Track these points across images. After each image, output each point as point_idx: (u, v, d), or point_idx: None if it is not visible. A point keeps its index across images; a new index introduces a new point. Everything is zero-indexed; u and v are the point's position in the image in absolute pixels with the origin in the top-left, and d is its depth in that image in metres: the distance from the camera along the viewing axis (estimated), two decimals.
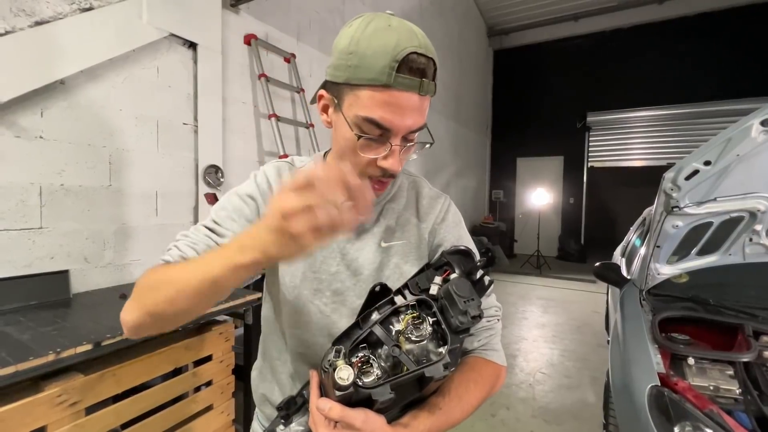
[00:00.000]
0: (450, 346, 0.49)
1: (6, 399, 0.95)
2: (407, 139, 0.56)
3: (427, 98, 0.54)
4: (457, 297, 0.51)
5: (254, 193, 0.64)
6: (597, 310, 4.36)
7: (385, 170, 0.56)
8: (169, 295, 0.48)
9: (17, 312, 1.32)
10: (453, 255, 0.59)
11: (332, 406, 0.45)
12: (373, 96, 0.51)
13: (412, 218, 0.69)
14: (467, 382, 0.58)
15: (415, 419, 0.51)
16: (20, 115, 1.45)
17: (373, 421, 0.46)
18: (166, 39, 1.92)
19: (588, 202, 7.61)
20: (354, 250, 0.65)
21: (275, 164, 0.68)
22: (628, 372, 1.46)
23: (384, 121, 0.52)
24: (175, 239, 0.59)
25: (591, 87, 7.43)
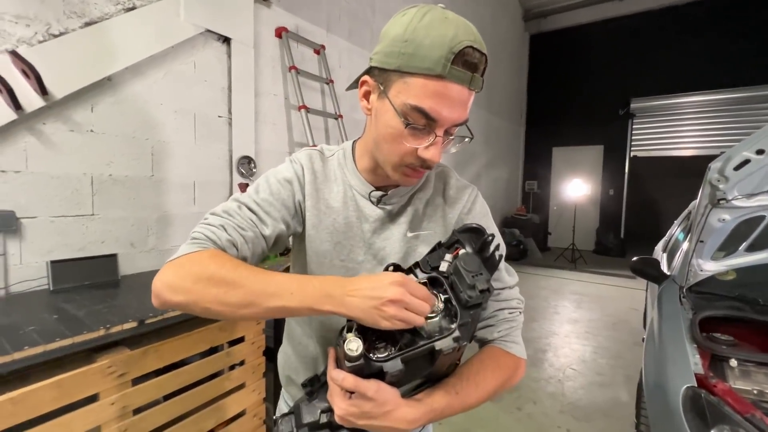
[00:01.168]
0: (460, 320, 0.50)
1: (65, 367, 1.05)
2: (449, 132, 0.56)
3: (473, 94, 0.54)
4: (465, 272, 0.52)
5: (291, 177, 0.66)
6: (635, 307, 4.16)
7: (425, 161, 0.56)
8: (234, 301, 0.48)
9: (73, 291, 1.45)
10: (464, 233, 0.59)
11: (345, 376, 0.48)
12: (426, 85, 0.51)
13: (438, 208, 0.69)
14: (485, 370, 0.59)
15: (430, 396, 0.53)
16: (73, 111, 1.57)
17: (386, 391, 0.48)
18: (202, 35, 2.01)
19: (629, 194, 7.21)
20: (380, 240, 0.66)
21: (307, 151, 0.70)
22: (663, 371, 1.39)
23: (432, 112, 0.52)
24: (214, 213, 0.59)
25: (635, 71, 6.96)
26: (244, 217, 0.59)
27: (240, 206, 0.61)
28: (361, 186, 0.67)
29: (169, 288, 0.51)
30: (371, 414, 0.48)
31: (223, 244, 0.55)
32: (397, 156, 0.57)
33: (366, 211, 0.67)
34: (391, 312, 0.45)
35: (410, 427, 0.50)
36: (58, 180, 1.55)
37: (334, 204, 0.67)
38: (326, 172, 0.69)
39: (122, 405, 1.15)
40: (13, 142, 1.43)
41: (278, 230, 0.62)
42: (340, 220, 0.66)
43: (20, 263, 1.46)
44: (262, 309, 0.49)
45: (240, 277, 0.49)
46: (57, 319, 1.18)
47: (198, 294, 0.49)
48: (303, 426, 0.54)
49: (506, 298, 0.66)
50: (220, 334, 1.44)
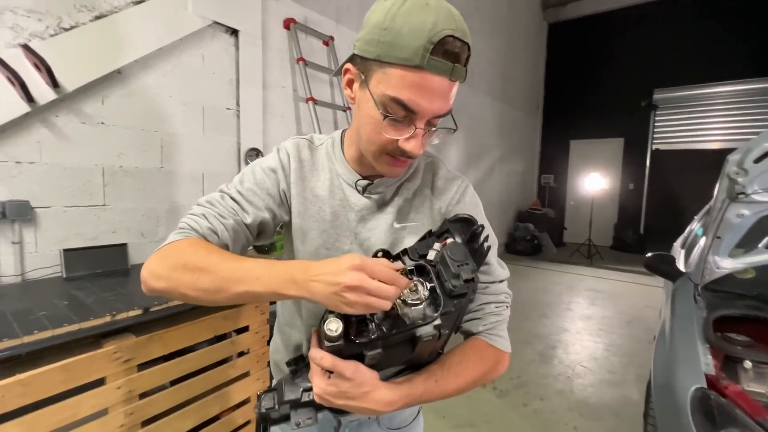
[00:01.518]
0: (443, 309, 0.49)
1: (73, 352, 1.09)
2: (431, 124, 0.55)
3: (456, 84, 0.53)
4: (450, 261, 0.52)
5: (276, 167, 0.66)
6: (651, 305, 4.05)
7: (405, 152, 0.55)
8: (205, 287, 0.50)
9: (85, 278, 1.50)
10: (454, 223, 0.59)
11: (324, 355, 0.48)
12: (404, 76, 0.50)
13: (426, 200, 0.68)
14: (467, 360, 0.59)
15: (409, 381, 0.53)
16: (85, 103, 1.61)
17: (364, 373, 0.48)
18: (210, 27, 2.02)
19: (650, 189, 6.97)
20: (366, 230, 0.66)
21: (295, 140, 0.69)
22: (672, 371, 1.35)
23: (411, 104, 0.51)
24: (199, 203, 0.61)
25: (659, 61, 6.68)
26: (226, 206, 0.61)
27: (223, 196, 0.62)
28: (348, 175, 0.67)
29: (152, 275, 0.53)
30: (348, 394, 0.48)
31: (204, 232, 0.57)
32: (377, 146, 0.57)
33: (352, 200, 0.66)
34: (352, 298, 0.44)
35: (387, 409, 0.50)
36: (71, 171, 1.59)
37: (321, 192, 0.67)
38: (314, 161, 0.69)
39: (128, 389, 1.18)
40: (28, 134, 1.48)
41: (260, 218, 0.62)
42: (326, 209, 0.66)
43: (36, 251, 1.52)
44: (231, 294, 0.49)
45: (210, 264, 0.50)
46: (67, 305, 1.22)
47: (175, 281, 0.51)
48: (284, 403, 0.55)
49: (494, 292, 0.65)
50: (224, 323, 1.47)
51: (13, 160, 1.45)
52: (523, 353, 2.90)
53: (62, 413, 1.05)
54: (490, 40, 5.56)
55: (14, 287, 1.41)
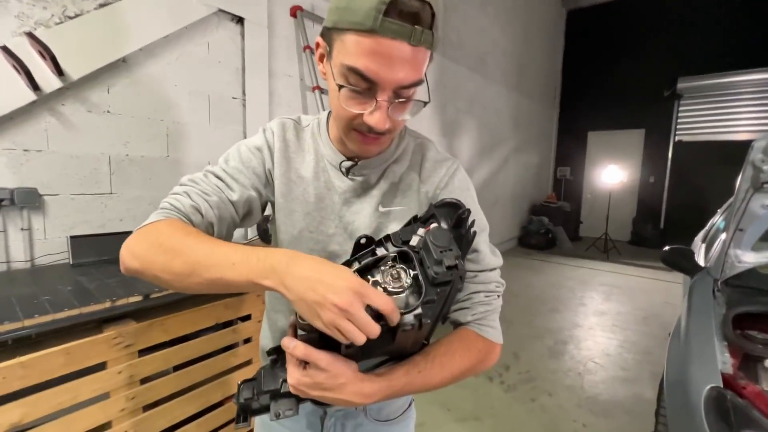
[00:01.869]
0: (425, 297, 0.47)
1: (75, 336, 1.11)
2: (399, 96, 0.51)
3: (421, 50, 0.48)
4: (433, 246, 0.49)
5: (262, 145, 0.64)
6: (670, 302, 3.92)
7: (371, 127, 0.52)
8: (177, 270, 0.47)
9: (91, 265, 1.53)
10: (441, 208, 0.56)
11: (296, 344, 0.45)
12: (359, 42, 0.46)
13: (413, 183, 0.65)
14: (453, 352, 0.56)
15: (390, 372, 0.51)
16: (90, 92, 1.62)
17: (341, 365, 0.46)
18: (215, 15, 2.00)
19: (672, 182, 6.72)
20: (350, 213, 0.64)
21: (281, 120, 0.67)
22: (686, 369, 1.29)
23: (369, 72, 0.47)
24: (181, 182, 0.59)
25: (684, 48, 6.38)
26: (210, 184, 0.58)
27: (207, 174, 0.60)
28: (332, 156, 0.64)
29: (129, 253, 0.51)
30: (324, 385, 0.46)
31: (187, 210, 0.54)
32: (344, 121, 0.54)
33: (336, 182, 0.64)
34: (329, 317, 0.40)
35: (365, 401, 0.48)
36: (78, 159, 1.61)
37: (306, 174, 0.65)
38: (300, 142, 0.67)
39: (129, 374, 1.20)
40: (35, 122, 1.50)
41: (246, 196, 0.60)
42: (311, 191, 0.64)
43: (44, 238, 1.55)
44: (203, 280, 0.46)
45: (185, 246, 0.48)
46: (70, 290, 1.24)
47: (149, 261, 0.49)
48: (264, 393, 0.54)
49: (484, 281, 0.61)
50: (225, 311, 1.47)
51: (21, 148, 1.47)
52: (533, 348, 2.84)
53: (63, 396, 1.06)
54: (506, 28, 5.41)
55: (23, 273, 1.44)
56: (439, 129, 4.21)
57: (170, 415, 1.31)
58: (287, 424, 0.72)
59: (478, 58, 4.81)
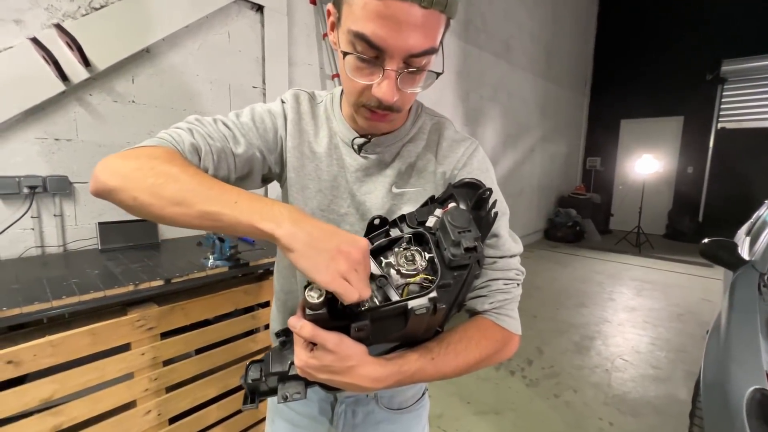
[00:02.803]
0: (440, 281, 0.44)
1: (102, 318, 1.15)
2: (410, 65, 0.47)
3: (433, 13, 0.43)
4: (450, 227, 0.46)
5: (278, 113, 0.62)
6: (708, 298, 3.70)
7: (379, 101, 0.48)
8: (167, 195, 0.42)
9: (118, 251, 1.58)
10: (460, 188, 0.53)
11: (303, 324, 0.43)
12: (366, 5, 0.43)
13: (429, 163, 0.62)
14: (468, 339, 0.53)
15: (402, 357, 0.48)
16: (116, 82, 1.66)
17: (349, 346, 0.43)
18: (236, 3, 2.00)
19: (712, 172, 6.31)
20: (362, 192, 0.61)
21: (295, 91, 0.65)
22: (726, 368, 1.20)
23: (376, 38, 0.44)
24: (187, 120, 0.55)
25: (728, 28, 5.92)
26: (217, 130, 0.55)
27: (216, 120, 0.56)
28: (345, 132, 0.62)
29: (107, 170, 0.46)
30: (332, 368, 0.44)
31: (185, 147, 0.50)
32: (353, 95, 0.51)
33: (348, 159, 0.61)
34: (343, 268, 0.39)
35: (375, 386, 0.46)
36: (105, 148, 1.66)
37: (319, 150, 0.62)
38: (314, 116, 0.64)
39: (152, 356, 1.23)
40: (65, 112, 1.55)
41: (250, 154, 0.57)
42: (324, 168, 0.62)
43: (75, 224, 1.61)
44: (194, 212, 0.42)
45: (183, 173, 0.43)
46: (97, 274, 1.28)
47: (133, 181, 0.43)
48: (271, 375, 0.52)
49: (503, 268, 0.57)
50: (245, 297, 1.49)
51: (53, 137, 1.53)
52: (557, 342, 2.76)
53: (91, 374, 1.10)
54: (533, 11, 5.18)
55: (56, 257, 1.51)
56: (463, 117, 4.10)
57: (191, 396, 1.35)
58: (297, 408, 0.72)
59: (503, 43, 4.64)
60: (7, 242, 1.45)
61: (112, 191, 0.45)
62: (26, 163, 1.47)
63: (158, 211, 0.43)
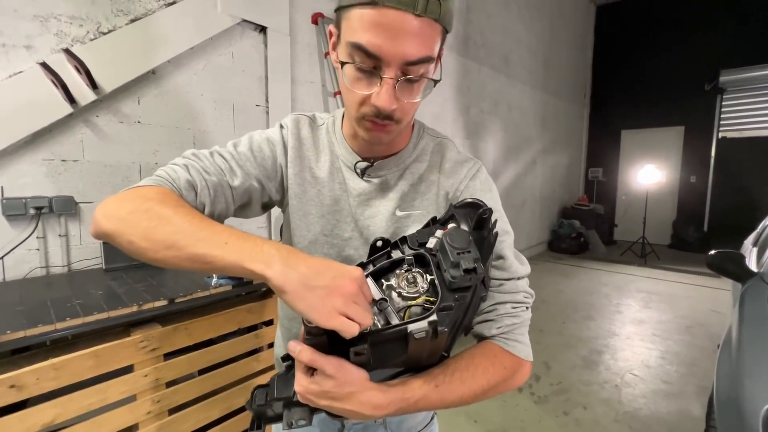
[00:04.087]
0: (441, 303, 0.43)
1: (104, 339, 1.14)
2: (407, 73, 0.47)
3: (428, 22, 0.45)
4: (449, 248, 0.45)
5: (277, 140, 0.62)
6: (717, 309, 3.64)
7: (378, 110, 0.49)
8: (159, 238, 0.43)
9: (122, 270, 1.58)
10: (461, 208, 0.52)
11: (302, 348, 0.42)
12: (362, 16, 0.44)
13: (432, 185, 0.62)
14: (475, 366, 0.51)
15: (405, 385, 0.47)
16: (122, 103, 1.69)
17: (349, 371, 0.42)
18: (239, 25, 2.05)
19: (716, 181, 6.29)
20: (366, 216, 0.61)
21: (295, 116, 0.65)
22: (740, 386, 1.17)
23: (371, 47, 0.45)
24: (183, 155, 0.56)
25: (726, 39, 5.99)
26: (213, 163, 0.55)
27: (212, 153, 0.57)
28: (347, 155, 0.62)
29: (104, 215, 0.46)
30: (332, 394, 0.42)
31: (181, 184, 0.51)
32: (353, 106, 0.51)
33: (351, 183, 0.62)
34: (339, 303, 0.38)
35: (376, 413, 0.44)
36: (111, 168, 1.68)
37: (320, 174, 0.62)
38: (315, 141, 0.64)
39: (155, 377, 1.22)
40: (72, 134, 1.57)
41: (248, 185, 0.57)
42: (326, 192, 0.62)
43: (80, 244, 1.62)
44: (184, 254, 0.42)
45: (176, 215, 0.44)
46: (101, 294, 1.28)
47: (128, 224, 0.44)
48: (276, 400, 0.51)
49: (511, 290, 0.56)
50: (248, 316, 1.48)
51: (59, 158, 1.55)
52: (565, 357, 2.71)
53: (93, 397, 1.09)
54: (531, 26, 5.27)
55: (60, 277, 1.51)
56: (463, 131, 4.13)
57: (194, 418, 1.32)
58: None
59: (502, 58, 4.71)
60: (13, 263, 1.46)
61: (109, 235, 0.46)
62: (33, 184, 1.49)
63: (153, 254, 0.44)
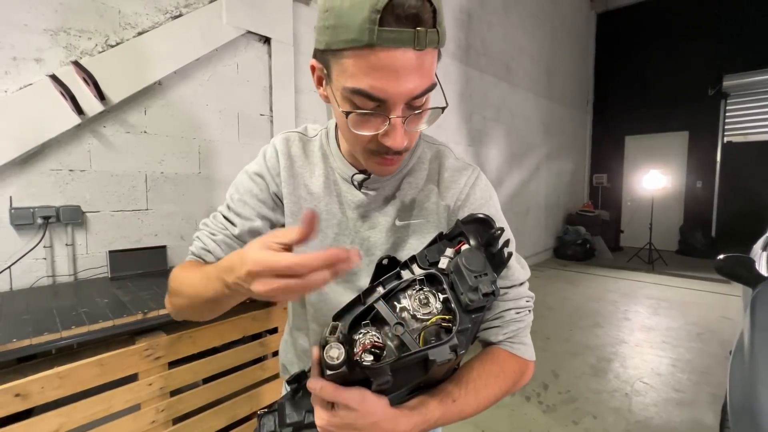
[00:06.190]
0: (459, 326, 0.43)
1: (110, 347, 1.14)
2: (413, 107, 0.47)
3: (428, 52, 0.43)
4: (466, 271, 0.45)
5: (262, 170, 0.62)
6: (728, 316, 3.57)
7: (389, 148, 0.48)
8: (186, 303, 0.54)
9: (127, 279, 1.58)
10: (469, 224, 0.51)
11: (323, 385, 0.42)
12: (358, 61, 0.42)
13: (432, 194, 0.61)
14: (488, 375, 0.51)
15: (424, 406, 0.46)
16: (129, 114, 1.72)
17: (372, 402, 0.42)
18: (244, 36, 2.09)
19: (722, 186, 6.23)
20: (366, 228, 0.61)
21: (284, 135, 0.65)
22: (754, 393, 1.14)
23: (375, 91, 0.43)
24: (198, 227, 0.64)
25: (728, 44, 5.99)
26: (216, 223, 0.62)
27: (215, 215, 0.64)
28: (343, 168, 0.61)
29: (167, 300, 0.60)
30: (355, 425, 0.42)
31: (199, 252, 0.60)
32: (359, 146, 0.51)
33: (348, 196, 0.61)
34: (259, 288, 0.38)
35: None
36: (117, 178, 1.70)
37: (315, 189, 0.62)
38: (307, 155, 0.64)
39: (160, 386, 1.21)
40: (79, 143, 1.59)
41: (248, 227, 0.61)
42: (323, 206, 0.62)
43: (86, 253, 1.63)
44: (202, 307, 0.52)
45: (181, 285, 0.55)
46: (106, 303, 1.28)
47: (172, 305, 0.58)
48: (287, 425, 0.50)
49: (514, 297, 0.57)
50: (253, 323, 1.47)
51: (67, 168, 1.57)
52: (573, 365, 2.66)
53: (97, 406, 1.09)
54: (532, 34, 5.31)
55: (66, 286, 1.52)
56: (466, 138, 4.14)
57: (199, 428, 1.31)
58: None
59: (503, 65, 4.74)
60: (20, 272, 1.47)
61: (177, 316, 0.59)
62: (41, 194, 1.51)
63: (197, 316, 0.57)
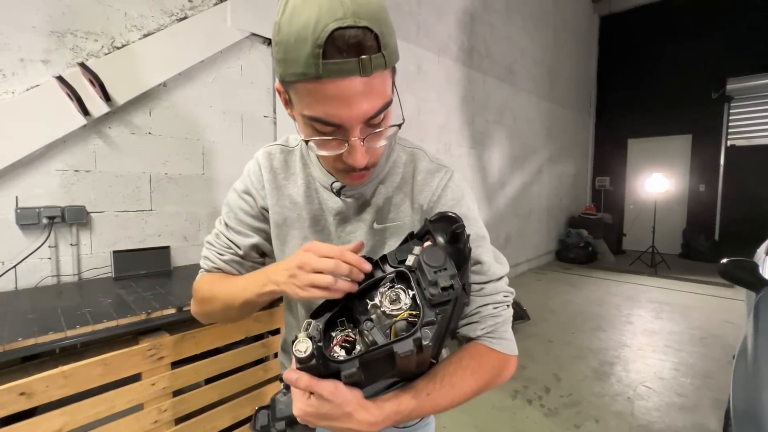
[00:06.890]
0: (424, 319, 0.44)
1: (113, 347, 1.15)
2: (372, 125, 0.48)
3: (377, 75, 0.44)
4: (426, 267, 0.47)
5: (248, 187, 0.66)
6: (730, 320, 3.56)
7: (353, 167, 0.51)
8: (219, 308, 0.62)
9: (131, 279, 1.59)
10: (436, 222, 0.53)
11: (299, 376, 0.45)
12: (309, 92, 0.44)
13: (407, 197, 0.63)
14: (463, 370, 0.53)
15: (397, 398, 0.48)
16: (134, 115, 1.73)
17: (344, 393, 0.44)
18: (248, 39, 2.10)
19: (725, 190, 6.21)
20: (346, 233, 0.64)
21: (266, 150, 0.67)
22: (758, 398, 1.14)
23: (331, 118, 0.45)
24: (205, 243, 0.70)
25: (732, 47, 5.97)
26: (221, 244, 0.68)
27: (218, 235, 0.69)
28: (322, 177, 0.63)
29: (193, 308, 0.69)
30: (330, 415, 0.45)
31: (210, 269, 0.68)
32: (327, 164, 0.55)
33: (329, 203, 0.63)
34: (302, 279, 0.47)
35: (372, 429, 0.46)
36: (122, 178, 1.71)
37: (298, 199, 0.64)
38: (288, 166, 0.66)
39: (162, 386, 1.22)
40: (84, 145, 1.61)
41: (250, 243, 0.66)
42: (305, 215, 0.64)
43: (91, 253, 1.64)
44: (236, 308, 0.60)
45: (213, 292, 0.63)
46: (110, 303, 1.29)
47: (202, 310, 0.66)
48: (278, 420, 0.53)
49: (491, 292, 0.58)
50: (255, 324, 1.48)
51: (73, 169, 1.58)
52: (575, 369, 2.65)
53: (101, 406, 1.09)
54: (534, 36, 5.32)
55: (71, 286, 1.53)
56: (469, 140, 4.15)
57: (201, 428, 1.32)
58: None
59: (506, 68, 4.74)
60: (26, 272, 1.48)
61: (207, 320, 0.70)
62: (46, 194, 1.52)
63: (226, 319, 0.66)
